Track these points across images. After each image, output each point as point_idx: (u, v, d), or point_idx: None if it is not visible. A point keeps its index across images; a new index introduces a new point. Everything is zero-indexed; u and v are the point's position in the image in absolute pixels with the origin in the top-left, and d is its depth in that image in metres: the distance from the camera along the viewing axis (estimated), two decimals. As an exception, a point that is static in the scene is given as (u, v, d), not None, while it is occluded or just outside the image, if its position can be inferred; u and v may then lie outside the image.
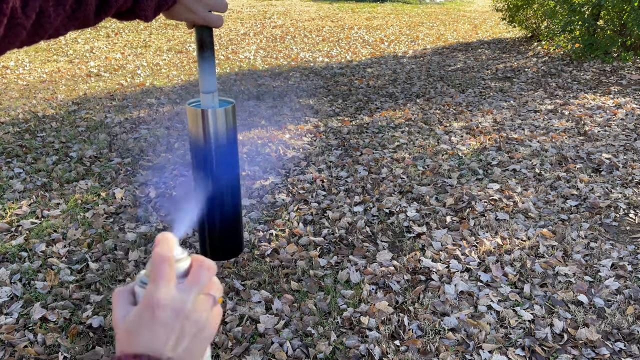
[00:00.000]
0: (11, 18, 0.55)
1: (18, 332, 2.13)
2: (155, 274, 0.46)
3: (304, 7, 13.94)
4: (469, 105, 5.14)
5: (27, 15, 0.57)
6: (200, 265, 0.49)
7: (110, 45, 8.33)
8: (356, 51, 8.05)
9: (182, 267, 0.49)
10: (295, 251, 2.66)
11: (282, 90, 5.68)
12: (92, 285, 2.41)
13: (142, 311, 0.46)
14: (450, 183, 3.41)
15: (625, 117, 4.64)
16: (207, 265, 0.49)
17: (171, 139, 4.16)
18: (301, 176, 3.51)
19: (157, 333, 0.45)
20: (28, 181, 3.42)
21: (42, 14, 0.59)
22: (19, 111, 4.87)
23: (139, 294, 0.48)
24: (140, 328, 0.45)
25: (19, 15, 0.56)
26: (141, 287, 0.48)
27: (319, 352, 2.02)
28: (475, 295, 2.35)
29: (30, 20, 0.57)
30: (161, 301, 0.45)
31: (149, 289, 0.46)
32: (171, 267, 0.47)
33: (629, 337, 2.11)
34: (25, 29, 0.57)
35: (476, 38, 9.33)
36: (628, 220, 2.96)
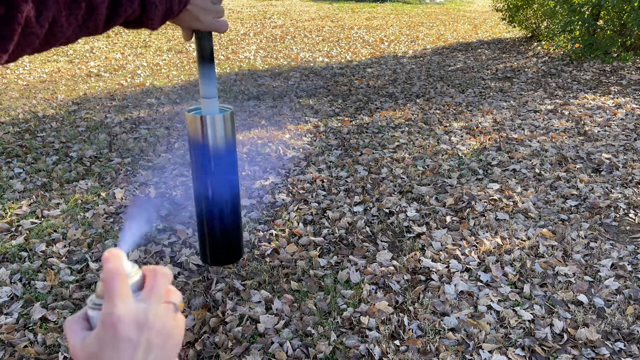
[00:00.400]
0: (25, 27, 0.56)
1: (18, 332, 2.13)
2: (109, 291, 0.45)
3: (304, 7, 13.94)
4: (469, 105, 5.14)
5: (41, 24, 0.57)
6: (155, 274, 0.48)
7: (110, 45, 8.33)
8: (356, 51, 8.05)
9: (135, 280, 0.47)
10: (295, 251, 2.66)
11: (282, 90, 5.68)
12: (92, 285, 2.41)
13: (102, 331, 0.44)
14: (450, 183, 3.41)
15: (625, 117, 4.64)
16: (162, 272, 0.48)
17: (171, 139, 4.16)
18: (301, 176, 3.51)
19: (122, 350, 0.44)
20: (28, 181, 3.42)
21: (54, 24, 0.59)
22: (19, 111, 4.87)
23: (93, 317, 0.46)
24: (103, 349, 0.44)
25: (32, 25, 0.57)
26: (94, 309, 0.46)
27: (319, 352, 2.02)
28: (475, 295, 2.35)
29: (43, 29, 0.58)
30: (121, 317, 0.44)
31: (106, 307, 0.44)
32: (124, 281, 0.45)
33: (629, 337, 2.11)
34: (39, 37, 0.58)
35: (476, 38, 9.33)
36: (628, 220, 2.96)
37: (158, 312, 0.46)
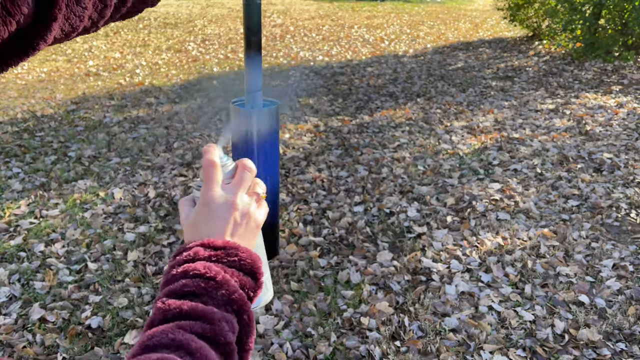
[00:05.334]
0: None
1: (17, 332, 2.12)
2: (206, 176, 0.56)
3: (304, 5, 13.92)
4: (470, 104, 5.13)
5: None
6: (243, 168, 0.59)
7: (109, 45, 8.32)
8: (356, 50, 8.04)
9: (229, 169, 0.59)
10: (295, 251, 2.64)
11: (281, 90, 5.66)
12: (91, 286, 2.40)
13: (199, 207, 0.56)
14: (451, 183, 3.39)
15: (626, 117, 4.62)
16: (249, 167, 0.59)
17: (170, 139, 4.15)
18: (301, 176, 3.49)
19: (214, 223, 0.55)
20: (27, 181, 3.41)
21: None
22: (18, 111, 4.85)
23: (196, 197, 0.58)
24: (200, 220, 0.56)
25: None
26: (197, 189, 0.59)
27: (319, 353, 2.01)
28: (476, 295, 2.33)
29: None
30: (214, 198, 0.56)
31: (203, 189, 0.56)
32: (218, 170, 0.57)
33: (631, 338, 2.10)
34: None
35: (477, 37, 9.31)
36: (629, 220, 2.95)
37: (243, 198, 0.57)
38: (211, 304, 0.50)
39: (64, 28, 0.46)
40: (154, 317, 0.50)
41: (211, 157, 0.57)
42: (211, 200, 0.56)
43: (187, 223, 0.58)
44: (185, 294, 0.50)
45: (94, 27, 0.52)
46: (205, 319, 0.48)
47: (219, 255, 0.54)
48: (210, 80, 6.11)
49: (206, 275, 0.51)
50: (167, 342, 0.46)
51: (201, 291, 0.50)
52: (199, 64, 7.01)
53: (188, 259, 0.53)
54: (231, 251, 0.54)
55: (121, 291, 2.36)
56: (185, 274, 0.52)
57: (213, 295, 0.50)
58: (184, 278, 0.51)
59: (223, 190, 0.57)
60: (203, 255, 0.53)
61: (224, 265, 0.53)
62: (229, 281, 0.52)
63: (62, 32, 0.46)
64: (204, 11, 12.41)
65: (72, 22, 0.46)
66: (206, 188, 0.56)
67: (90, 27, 0.51)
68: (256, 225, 0.59)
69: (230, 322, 0.50)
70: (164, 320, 0.49)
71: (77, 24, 0.47)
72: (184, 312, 0.49)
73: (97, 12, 0.49)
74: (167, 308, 0.49)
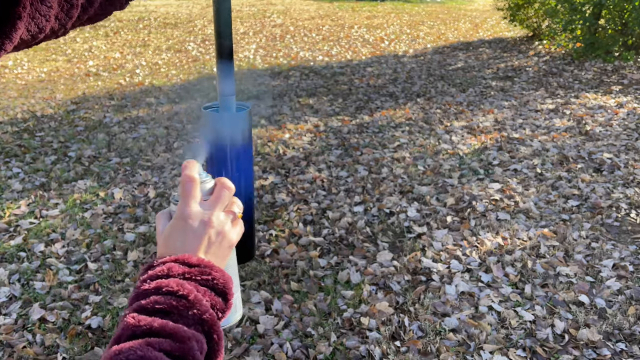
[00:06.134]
0: None
1: (17, 332, 2.12)
2: (184, 192, 0.57)
3: (304, 5, 13.92)
4: (470, 104, 5.13)
5: None
6: (222, 186, 0.59)
7: (109, 45, 8.32)
8: (356, 50, 8.03)
9: (207, 186, 0.59)
10: (295, 251, 2.64)
11: (281, 90, 5.66)
12: (91, 286, 2.40)
13: (175, 222, 0.57)
14: (451, 183, 3.39)
15: (626, 117, 4.62)
16: (228, 186, 0.59)
17: (170, 139, 4.15)
18: (301, 176, 3.49)
19: (188, 239, 0.55)
20: (26, 181, 3.41)
21: None
22: (18, 111, 4.85)
23: (174, 211, 0.59)
24: (175, 235, 0.56)
25: None
26: (174, 203, 0.59)
27: (319, 353, 2.01)
28: (476, 295, 2.33)
29: None
30: (191, 214, 0.56)
31: (180, 204, 0.57)
32: (197, 186, 0.57)
33: (631, 338, 2.10)
34: None
35: (477, 37, 9.31)
36: (629, 220, 2.95)
37: (219, 216, 0.58)
38: (182, 323, 0.49)
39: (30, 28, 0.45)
40: (122, 332, 0.48)
41: (190, 172, 0.57)
42: (188, 215, 0.56)
43: (162, 236, 0.58)
44: (157, 310, 0.50)
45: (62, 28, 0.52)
46: (175, 337, 0.48)
47: (193, 273, 0.53)
48: (210, 80, 6.11)
49: (179, 293, 0.51)
50: (135, 359, 0.45)
51: (172, 309, 0.50)
52: (199, 64, 7.01)
53: (161, 275, 0.53)
54: (205, 269, 0.54)
55: (121, 291, 2.36)
56: (158, 290, 0.51)
57: (184, 314, 0.50)
58: (156, 294, 0.51)
59: (200, 207, 0.57)
60: (177, 271, 0.53)
61: (196, 283, 0.53)
62: (201, 300, 0.51)
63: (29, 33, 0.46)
64: (204, 11, 12.41)
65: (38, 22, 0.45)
66: (183, 203, 0.56)
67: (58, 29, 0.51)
68: (229, 245, 0.59)
69: (200, 341, 0.49)
70: (132, 337, 0.48)
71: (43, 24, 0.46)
72: (154, 329, 0.48)
73: (63, 12, 0.49)
74: (136, 324, 0.48)
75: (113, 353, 0.46)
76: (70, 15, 0.50)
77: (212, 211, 0.57)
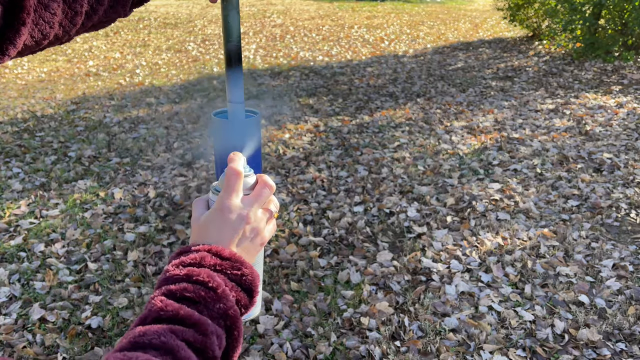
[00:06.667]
0: None
1: (17, 332, 2.12)
2: (228, 184, 0.57)
3: (304, 6, 13.91)
4: (470, 104, 5.13)
5: None
6: (264, 184, 0.60)
7: (109, 45, 8.32)
8: (356, 50, 8.03)
9: (249, 181, 0.60)
10: (295, 251, 2.65)
11: (281, 90, 5.66)
12: (91, 286, 2.40)
13: (214, 212, 0.57)
14: (451, 183, 3.39)
15: (626, 117, 4.62)
16: (269, 184, 0.60)
17: (170, 139, 4.15)
18: (301, 176, 3.49)
19: (224, 231, 0.56)
20: (27, 181, 3.41)
21: None
22: (18, 111, 4.85)
23: (212, 200, 0.60)
24: (211, 225, 0.57)
25: None
26: (214, 193, 0.60)
27: (319, 353, 2.01)
28: (476, 295, 2.33)
29: None
30: (231, 207, 0.56)
31: (222, 195, 0.57)
32: (240, 180, 0.58)
33: (630, 338, 2.10)
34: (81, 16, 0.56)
35: (477, 37, 9.31)
36: (629, 220, 2.95)
37: (257, 213, 0.58)
38: (206, 315, 0.50)
39: (34, 34, 0.45)
40: (148, 314, 0.49)
41: (236, 165, 0.58)
42: (227, 208, 0.56)
43: (197, 223, 0.58)
44: (185, 298, 0.50)
45: (66, 35, 0.52)
46: (198, 329, 0.48)
47: (224, 266, 0.54)
48: (210, 80, 6.11)
49: (209, 285, 0.51)
50: (157, 344, 0.45)
51: (200, 300, 0.50)
52: (199, 64, 7.01)
53: (194, 263, 0.53)
54: (236, 264, 0.55)
55: (121, 291, 2.36)
56: (189, 278, 0.51)
57: (210, 307, 0.50)
58: (186, 281, 0.51)
59: (241, 202, 0.57)
60: (209, 262, 0.53)
61: (226, 277, 0.53)
62: (228, 296, 0.52)
63: (33, 39, 0.46)
64: (204, 11, 12.41)
65: (41, 28, 0.46)
66: (225, 195, 0.57)
67: (62, 36, 0.51)
68: (261, 242, 0.60)
69: (220, 337, 0.50)
70: (157, 320, 0.48)
71: (47, 31, 0.47)
72: (179, 316, 0.48)
73: (67, 19, 0.49)
74: (163, 308, 0.48)
75: (138, 333, 0.47)
76: (74, 23, 0.51)
77: (251, 207, 0.57)
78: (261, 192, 0.59)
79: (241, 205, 0.57)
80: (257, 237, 0.59)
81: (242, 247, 0.57)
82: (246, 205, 0.57)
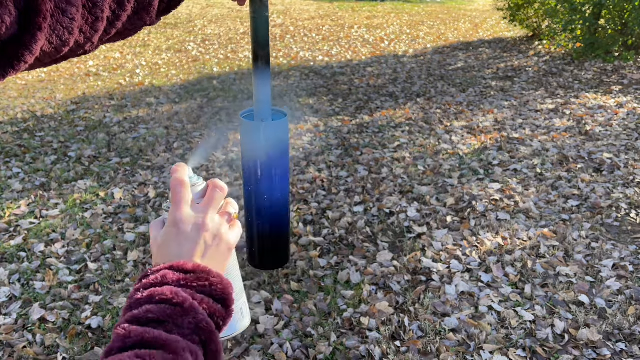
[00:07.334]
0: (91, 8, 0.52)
1: (17, 332, 2.12)
2: (175, 196, 0.55)
3: (304, 6, 13.92)
4: (470, 104, 5.13)
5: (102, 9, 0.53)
6: (214, 187, 0.57)
7: (108, 45, 8.32)
8: (356, 50, 8.03)
9: (198, 189, 0.57)
10: (295, 251, 2.65)
11: (281, 90, 5.67)
12: (91, 286, 2.40)
13: (168, 228, 0.54)
14: (451, 183, 3.39)
15: (626, 117, 4.62)
16: (220, 186, 0.57)
17: (170, 139, 4.15)
18: (301, 176, 3.49)
19: (183, 245, 0.53)
20: (27, 181, 3.41)
21: None
22: (18, 111, 4.85)
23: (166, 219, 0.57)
24: (169, 242, 0.54)
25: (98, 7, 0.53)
26: (167, 210, 0.57)
27: (319, 353, 2.01)
28: (476, 295, 2.33)
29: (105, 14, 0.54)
30: (184, 218, 0.54)
31: (171, 210, 0.55)
32: (187, 189, 0.55)
33: (630, 338, 2.10)
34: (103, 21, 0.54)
35: (477, 37, 9.31)
36: (629, 220, 2.95)
37: (214, 219, 0.55)
38: (176, 333, 0.47)
39: (52, 40, 0.44)
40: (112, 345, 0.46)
41: (179, 175, 0.55)
42: (180, 220, 0.53)
43: (155, 245, 0.55)
44: (149, 320, 0.47)
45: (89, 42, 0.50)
46: (167, 348, 0.45)
47: (189, 280, 0.51)
48: (210, 80, 6.11)
49: (173, 301, 0.48)
50: None
51: (166, 318, 0.47)
52: (199, 64, 7.01)
53: (155, 283, 0.50)
54: (202, 275, 0.51)
55: (121, 291, 2.36)
56: (151, 299, 0.49)
57: (179, 323, 0.47)
58: (148, 303, 0.48)
59: (192, 210, 0.54)
60: (172, 278, 0.50)
61: (193, 290, 0.50)
62: (197, 309, 0.49)
63: (51, 45, 0.44)
64: (204, 11, 12.41)
65: (59, 34, 0.44)
66: (174, 208, 0.54)
67: (84, 43, 0.49)
68: (228, 248, 0.56)
69: (195, 353, 0.47)
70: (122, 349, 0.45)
71: (66, 37, 0.45)
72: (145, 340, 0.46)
73: (88, 25, 0.47)
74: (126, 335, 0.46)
75: None
76: (95, 29, 0.49)
77: (206, 214, 0.55)
78: (213, 196, 0.56)
79: (194, 213, 0.54)
80: (222, 243, 0.55)
81: (207, 257, 0.54)
82: (200, 213, 0.55)
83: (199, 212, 0.55)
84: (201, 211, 0.55)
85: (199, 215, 0.54)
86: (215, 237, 0.55)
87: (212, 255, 0.54)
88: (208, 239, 0.54)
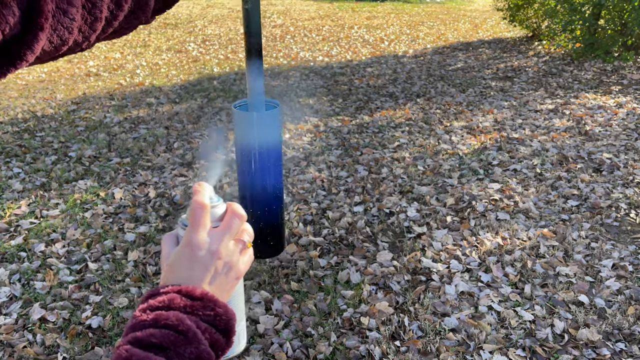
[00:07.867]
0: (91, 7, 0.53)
1: (17, 332, 2.13)
2: (193, 219, 0.54)
3: (304, 6, 13.92)
4: (470, 104, 5.13)
5: None
6: (233, 214, 0.57)
7: (109, 45, 8.32)
8: (356, 50, 8.04)
9: (218, 212, 0.56)
10: (295, 251, 2.65)
11: (281, 90, 5.67)
12: (92, 286, 2.40)
13: (182, 249, 0.54)
14: (451, 183, 3.40)
15: (626, 117, 4.63)
16: (239, 214, 0.57)
17: (170, 139, 4.15)
18: (301, 176, 3.50)
19: (194, 269, 0.53)
20: (27, 181, 3.41)
21: None
22: (18, 111, 4.86)
23: (180, 236, 0.56)
24: (180, 263, 0.54)
25: None
26: (182, 228, 0.56)
27: (319, 352, 2.01)
28: (476, 295, 2.34)
29: None
30: (199, 243, 0.53)
31: (188, 231, 0.54)
32: (207, 213, 0.55)
33: (630, 338, 2.10)
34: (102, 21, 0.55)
35: (477, 37, 9.31)
36: (629, 220, 2.95)
37: (228, 246, 0.55)
38: None
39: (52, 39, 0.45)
40: None
41: (201, 198, 0.55)
42: (195, 244, 0.54)
43: (167, 262, 0.55)
44: (152, 345, 0.48)
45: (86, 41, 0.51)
46: None
47: (195, 307, 0.51)
48: (210, 81, 6.11)
49: (178, 329, 0.48)
50: None
51: (169, 345, 0.48)
52: (199, 64, 7.01)
53: (162, 306, 0.50)
54: (209, 304, 0.52)
55: (121, 291, 2.37)
56: (156, 323, 0.49)
57: (180, 352, 0.48)
58: (153, 327, 0.49)
59: (209, 236, 0.54)
60: (178, 304, 0.51)
61: (198, 318, 0.51)
62: (200, 339, 0.49)
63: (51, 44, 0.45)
64: (204, 11, 12.41)
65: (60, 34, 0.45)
66: (192, 230, 0.54)
67: (82, 42, 0.50)
68: (237, 277, 0.57)
69: None
70: None
71: (65, 36, 0.46)
72: None
73: (87, 25, 0.48)
74: (128, 357, 0.46)
75: None
76: (94, 28, 0.50)
77: (221, 241, 0.55)
78: (231, 224, 0.56)
79: (209, 239, 0.54)
80: (232, 272, 0.56)
81: (215, 285, 0.54)
82: (215, 239, 0.54)
83: (214, 239, 0.55)
84: (217, 238, 0.55)
85: (214, 242, 0.54)
86: (226, 265, 0.55)
87: (220, 283, 0.55)
88: (219, 267, 0.54)
